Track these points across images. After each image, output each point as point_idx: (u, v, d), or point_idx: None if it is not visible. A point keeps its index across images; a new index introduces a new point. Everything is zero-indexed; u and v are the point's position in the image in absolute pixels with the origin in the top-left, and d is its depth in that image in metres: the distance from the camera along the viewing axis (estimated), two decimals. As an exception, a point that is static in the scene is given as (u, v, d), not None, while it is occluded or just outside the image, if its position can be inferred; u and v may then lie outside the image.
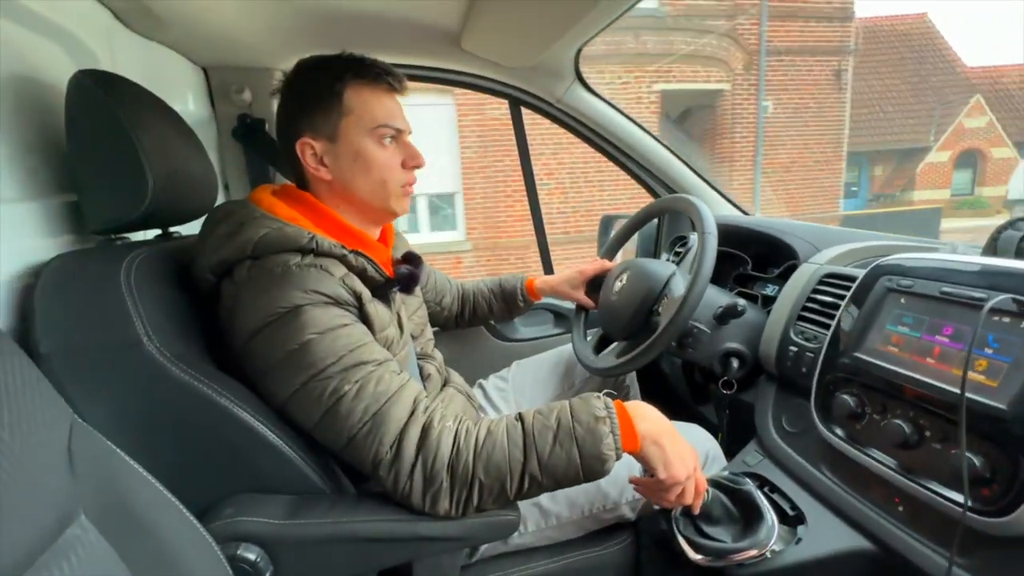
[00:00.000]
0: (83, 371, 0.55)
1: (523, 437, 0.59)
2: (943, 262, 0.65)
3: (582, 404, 0.61)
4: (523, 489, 0.59)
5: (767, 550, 0.66)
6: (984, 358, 0.55)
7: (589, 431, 0.59)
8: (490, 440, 0.59)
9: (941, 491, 0.57)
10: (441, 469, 0.58)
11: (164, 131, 0.68)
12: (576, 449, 0.58)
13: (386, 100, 0.72)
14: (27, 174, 0.65)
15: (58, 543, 0.38)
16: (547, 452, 0.58)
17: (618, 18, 0.98)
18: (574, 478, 0.60)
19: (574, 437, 0.59)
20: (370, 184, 0.73)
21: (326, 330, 0.60)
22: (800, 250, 0.98)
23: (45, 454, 0.39)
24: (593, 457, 0.58)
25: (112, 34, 0.83)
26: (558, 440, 0.59)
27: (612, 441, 0.59)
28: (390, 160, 0.73)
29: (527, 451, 0.59)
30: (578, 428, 0.59)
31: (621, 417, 0.61)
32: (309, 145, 0.70)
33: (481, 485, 0.58)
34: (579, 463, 0.58)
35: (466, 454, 0.58)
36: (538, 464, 0.58)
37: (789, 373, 0.84)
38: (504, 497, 0.60)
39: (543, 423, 0.60)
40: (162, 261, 0.67)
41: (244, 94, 1.17)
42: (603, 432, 0.59)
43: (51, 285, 0.58)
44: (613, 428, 0.59)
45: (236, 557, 0.55)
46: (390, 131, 0.72)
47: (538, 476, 0.59)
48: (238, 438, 0.59)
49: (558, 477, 0.59)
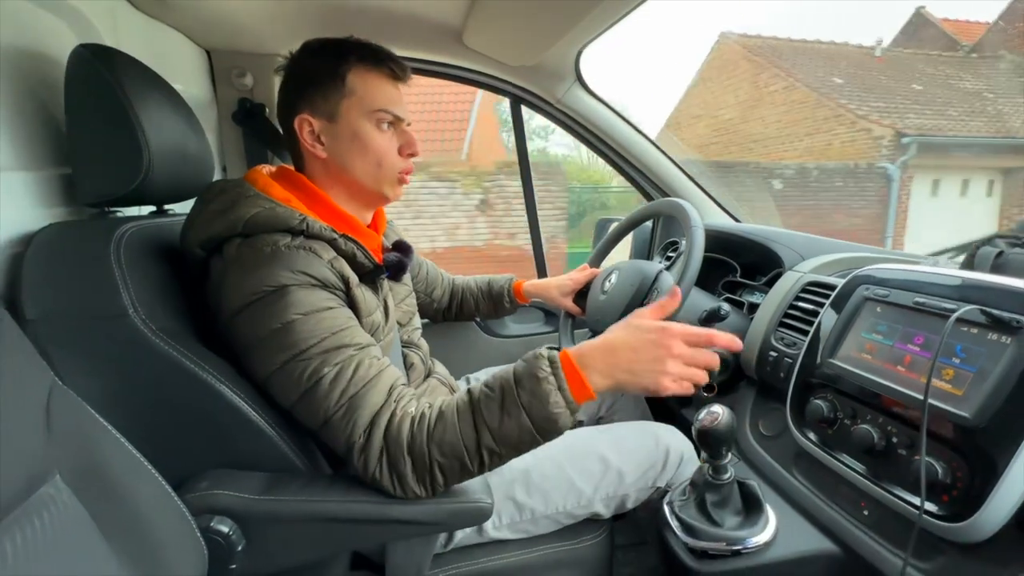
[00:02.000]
0: (67, 338, 0.56)
1: (472, 414, 0.59)
2: (919, 274, 0.66)
3: (525, 368, 0.59)
4: (484, 462, 0.59)
5: (759, 543, 0.66)
6: (951, 367, 0.57)
7: (534, 395, 0.57)
8: (441, 422, 0.59)
9: (903, 496, 0.58)
10: (401, 454, 0.58)
11: (162, 108, 0.69)
12: (524, 415, 0.57)
13: (388, 86, 0.73)
14: (24, 144, 0.66)
15: (30, 501, 0.39)
16: (497, 424, 0.58)
17: (619, 20, 0.99)
18: (531, 442, 0.59)
19: (520, 404, 0.57)
20: (365, 166, 0.73)
21: (310, 311, 0.61)
22: (786, 258, 0.99)
23: (21, 412, 0.40)
24: (543, 419, 0.57)
25: (116, 11, 0.84)
26: (505, 410, 0.58)
27: (560, 399, 0.57)
28: (387, 144, 0.74)
29: (478, 427, 0.58)
30: (522, 394, 0.58)
31: (568, 370, 0.59)
32: (308, 122, 0.71)
33: (440, 465, 0.59)
34: (531, 427, 0.58)
35: (420, 438, 0.58)
36: (491, 437, 0.58)
37: (768, 378, 0.85)
38: (468, 472, 0.60)
39: (487, 395, 0.59)
40: (154, 236, 0.68)
41: (246, 78, 1.18)
42: (547, 392, 0.57)
43: (41, 253, 0.59)
44: (560, 385, 0.58)
45: (209, 529, 0.56)
46: (389, 116, 0.73)
47: (495, 448, 0.58)
48: (218, 413, 0.60)
49: (514, 444, 0.58)
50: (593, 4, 0.88)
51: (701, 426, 0.66)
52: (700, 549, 0.67)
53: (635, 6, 0.92)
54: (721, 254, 1.19)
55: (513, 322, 1.48)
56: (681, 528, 0.69)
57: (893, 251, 0.96)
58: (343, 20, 1.08)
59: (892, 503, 0.59)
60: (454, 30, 1.12)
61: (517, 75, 1.28)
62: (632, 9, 0.93)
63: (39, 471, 0.40)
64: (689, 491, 0.73)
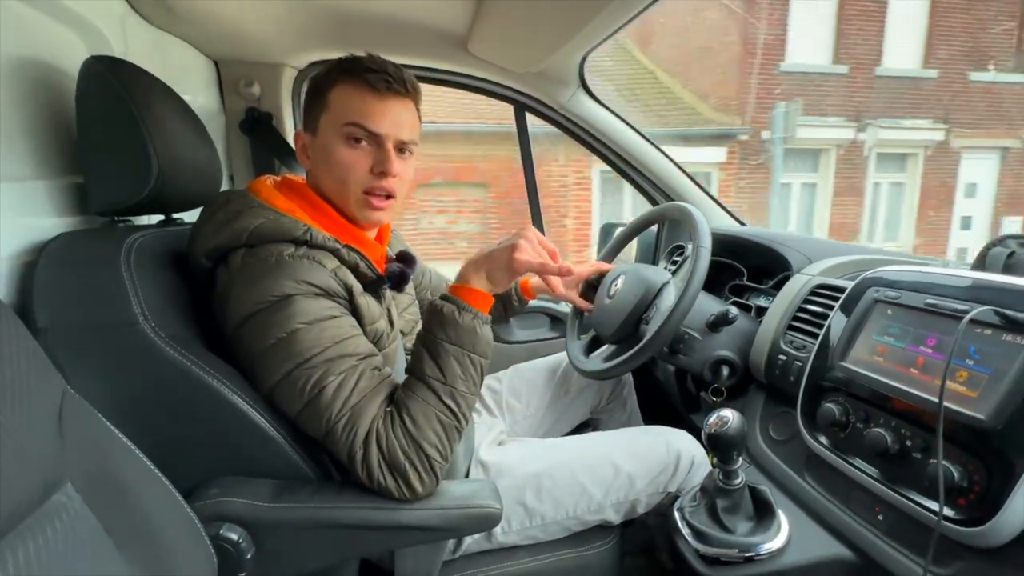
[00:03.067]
0: (79, 346, 0.56)
1: (416, 379, 0.64)
2: (930, 275, 0.66)
3: (426, 315, 0.67)
4: (453, 407, 0.64)
5: (772, 549, 0.65)
6: (965, 369, 0.56)
7: (442, 327, 0.64)
8: (403, 405, 0.63)
9: (920, 500, 0.57)
10: (396, 455, 0.61)
11: (171, 119, 0.70)
12: (451, 346, 0.64)
13: (368, 99, 0.69)
14: (36, 154, 0.67)
15: (43, 508, 0.39)
16: (437, 370, 0.64)
17: (622, 27, 1.00)
18: (473, 363, 0.65)
19: (439, 341, 0.64)
20: (331, 182, 0.71)
21: (314, 320, 0.61)
22: (794, 261, 0.99)
23: (36, 420, 0.40)
24: (465, 337, 0.64)
25: (126, 23, 0.85)
26: (434, 356, 0.64)
27: (467, 314, 0.65)
28: (353, 161, 0.69)
29: (427, 384, 0.63)
30: (438, 333, 0.64)
31: (456, 292, 0.67)
32: (300, 136, 0.75)
33: (427, 440, 0.62)
34: (463, 351, 0.64)
35: (400, 431, 0.61)
36: (441, 384, 0.63)
37: (777, 382, 0.84)
38: (455, 430, 0.64)
39: (416, 356, 0.66)
40: (162, 245, 0.68)
41: (253, 88, 1.19)
42: (451, 314, 0.64)
43: (52, 262, 0.59)
44: (458, 305, 0.65)
45: (219, 537, 0.56)
46: (360, 131, 0.69)
47: (452, 389, 0.64)
48: (227, 420, 0.60)
49: (462, 375, 0.64)
50: (597, 10, 0.88)
51: (711, 430, 0.66)
52: (712, 556, 0.67)
53: (639, 12, 0.93)
54: (728, 258, 1.19)
55: (519, 328, 1.48)
56: (692, 534, 0.69)
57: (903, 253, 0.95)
58: (349, 30, 1.09)
59: (908, 507, 0.58)
60: (459, 38, 1.13)
61: (521, 82, 1.29)
62: (636, 15, 0.94)
63: (53, 478, 0.40)
64: (700, 497, 0.72)
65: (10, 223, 0.62)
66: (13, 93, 0.63)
